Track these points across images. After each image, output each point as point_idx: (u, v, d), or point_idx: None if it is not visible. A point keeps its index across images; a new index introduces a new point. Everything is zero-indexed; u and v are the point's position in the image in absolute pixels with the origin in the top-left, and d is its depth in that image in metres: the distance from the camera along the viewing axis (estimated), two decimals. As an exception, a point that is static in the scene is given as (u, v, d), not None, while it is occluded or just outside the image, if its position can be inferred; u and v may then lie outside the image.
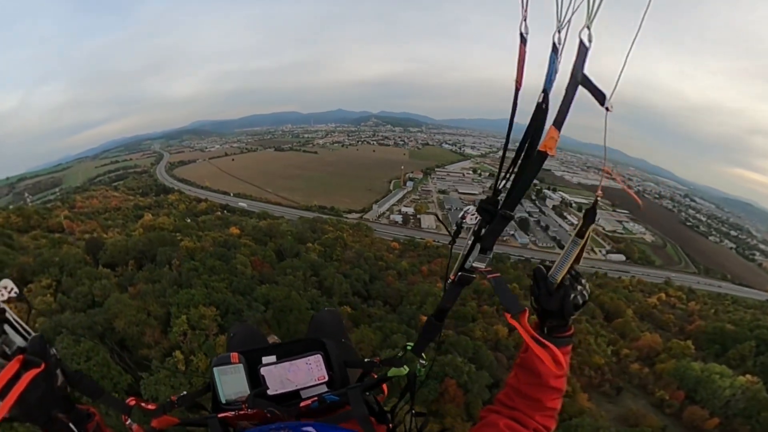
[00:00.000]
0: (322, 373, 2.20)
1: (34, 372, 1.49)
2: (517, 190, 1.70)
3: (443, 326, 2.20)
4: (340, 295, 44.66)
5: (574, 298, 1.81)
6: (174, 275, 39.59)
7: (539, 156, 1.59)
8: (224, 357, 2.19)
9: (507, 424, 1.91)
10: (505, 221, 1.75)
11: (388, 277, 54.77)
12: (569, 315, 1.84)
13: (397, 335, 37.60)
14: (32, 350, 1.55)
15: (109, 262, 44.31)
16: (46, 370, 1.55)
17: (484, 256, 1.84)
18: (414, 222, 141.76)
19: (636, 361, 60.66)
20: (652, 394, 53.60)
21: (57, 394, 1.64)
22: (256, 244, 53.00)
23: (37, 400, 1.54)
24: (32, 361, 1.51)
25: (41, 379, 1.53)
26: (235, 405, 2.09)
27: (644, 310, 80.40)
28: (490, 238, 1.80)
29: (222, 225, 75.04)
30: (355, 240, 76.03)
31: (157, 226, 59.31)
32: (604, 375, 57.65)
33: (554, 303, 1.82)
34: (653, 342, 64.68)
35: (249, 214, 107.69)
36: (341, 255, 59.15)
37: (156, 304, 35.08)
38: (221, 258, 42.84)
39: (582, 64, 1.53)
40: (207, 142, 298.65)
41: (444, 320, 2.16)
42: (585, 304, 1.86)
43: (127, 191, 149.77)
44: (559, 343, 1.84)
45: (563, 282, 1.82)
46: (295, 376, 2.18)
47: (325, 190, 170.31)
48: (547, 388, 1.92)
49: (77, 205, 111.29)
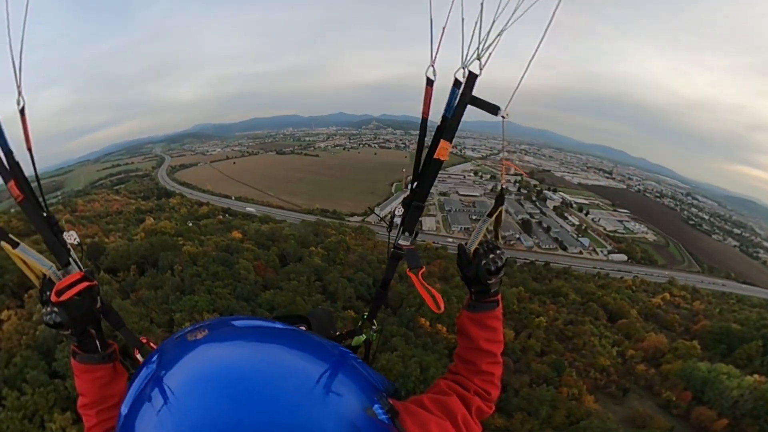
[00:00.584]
0: None
1: (89, 283, 1.94)
2: (422, 186, 2.19)
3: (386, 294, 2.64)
4: (344, 299, 44.14)
5: (485, 264, 2.08)
6: (176, 281, 39.02)
7: (435, 162, 2.09)
8: None
9: (448, 384, 2.13)
10: (419, 210, 2.23)
11: (391, 281, 54.29)
12: (485, 279, 2.10)
13: (396, 338, 37.32)
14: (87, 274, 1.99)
15: (110, 267, 43.74)
16: (95, 287, 1.99)
17: (408, 237, 2.27)
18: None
19: (642, 362, 60.81)
20: (658, 395, 53.84)
21: (94, 314, 2.03)
22: (259, 249, 52.40)
23: (82, 310, 1.94)
24: (89, 277, 1.97)
25: (90, 293, 1.96)
26: None
27: (649, 310, 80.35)
28: (410, 223, 2.26)
29: (224, 229, 74.46)
30: (357, 243, 75.51)
31: (159, 230, 58.56)
32: (610, 376, 57.69)
33: (471, 270, 2.12)
34: (659, 342, 64.57)
35: (251, 218, 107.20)
36: (344, 258, 58.71)
37: (159, 311, 34.49)
38: (224, 263, 42.23)
39: (471, 89, 1.94)
40: (208, 145, 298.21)
41: (387, 288, 2.60)
42: (499, 271, 2.11)
43: (129, 195, 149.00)
44: (484, 308, 2.17)
45: (477, 251, 2.14)
46: None
47: (327, 193, 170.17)
48: (479, 351, 2.17)
49: (79, 208, 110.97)
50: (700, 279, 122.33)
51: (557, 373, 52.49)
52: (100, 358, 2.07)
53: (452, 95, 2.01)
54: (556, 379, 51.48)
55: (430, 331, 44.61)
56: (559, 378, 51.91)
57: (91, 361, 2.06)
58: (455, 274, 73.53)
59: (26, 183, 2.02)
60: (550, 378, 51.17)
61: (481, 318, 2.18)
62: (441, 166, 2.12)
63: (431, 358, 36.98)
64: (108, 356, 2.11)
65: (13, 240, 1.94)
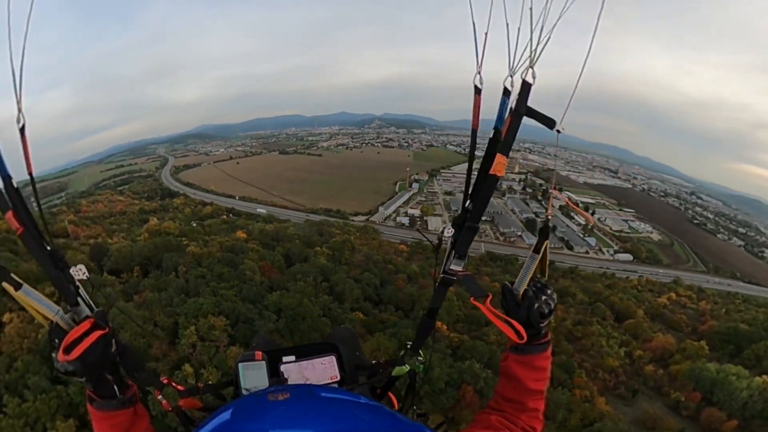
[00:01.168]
0: (335, 372, 2.47)
1: (100, 332, 1.82)
2: (478, 206, 2.02)
3: (434, 324, 2.42)
4: (352, 300, 43.54)
5: (539, 308, 2.02)
6: (181, 282, 38.35)
7: (491, 178, 1.94)
8: (249, 354, 2.39)
9: (498, 419, 2.08)
10: (472, 232, 2.04)
11: (398, 281, 53.79)
12: (536, 323, 2.04)
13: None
14: (98, 318, 1.86)
15: (113, 268, 43.28)
16: (108, 334, 1.87)
17: (460, 261, 2.09)
18: (420, 224, 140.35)
19: (650, 363, 60.08)
20: (667, 396, 53.12)
21: (109, 359, 1.92)
22: (264, 249, 51.90)
23: (95, 359, 1.82)
24: (99, 324, 1.84)
25: (103, 340, 1.84)
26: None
27: (655, 310, 79.66)
28: (462, 246, 2.07)
29: (228, 229, 74.23)
30: (362, 243, 75.09)
31: (163, 231, 58.31)
32: (619, 377, 56.97)
33: (521, 314, 2.04)
34: (666, 343, 63.91)
35: (255, 218, 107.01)
36: (350, 258, 58.14)
37: (163, 314, 33.71)
38: (229, 263, 41.65)
39: (525, 99, 1.81)
40: (212, 145, 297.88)
41: (435, 318, 2.38)
42: (551, 313, 2.06)
43: (133, 195, 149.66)
44: (534, 350, 2.08)
45: (527, 293, 2.06)
46: (311, 374, 2.43)
47: (331, 192, 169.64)
48: (527, 390, 2.10)
49: (82, 209, 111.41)
50: (705, 279, 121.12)
51: (568, 375, 51.50)
52: (119, 404, 1.97)
53: (502, 105, 1.92)
54: (568, 380, 50.41)
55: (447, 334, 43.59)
56: (571, 380, 50.94)
57: (109, 408, 1.96)
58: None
59: (27, 213, 1.88)
60: (562, 380, 49.94)
61: (530, 360, 2.10)
62: (497, 183, 1.98)
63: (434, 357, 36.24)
64: (127, 401, 2.01)
65: (15, 281, 1.81)
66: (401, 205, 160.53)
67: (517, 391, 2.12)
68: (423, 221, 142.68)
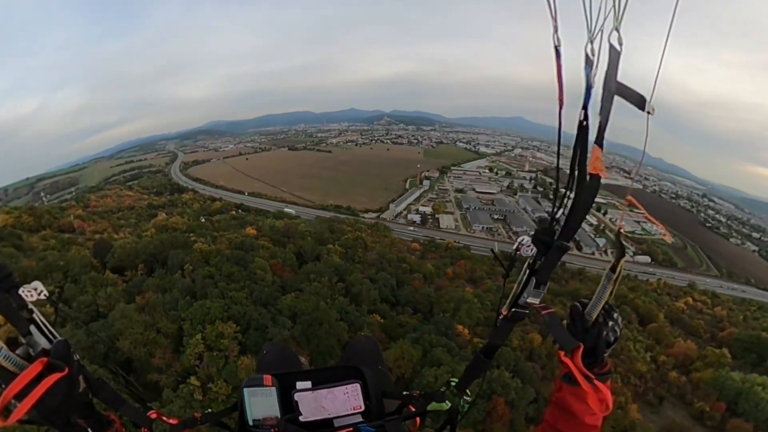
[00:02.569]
0: (359, 402, 2.15)
1: (56, 377, 1.47)
2: (574, 219, 1.65)
3: (490, 364, 2.12)
4: (369, 302, 41.30)
5: (606, 336, 1.79)
6: (187, 283, 35.73)
7: (593, 180, 1.54)
8: (257, 378, 2.13)
9: None
10: (561, 252, 1.71)
11: (414, 282, 51.62)
12: (602, 353, 1.79)
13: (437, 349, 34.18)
14: (56, 354, 1.53)
15: (117, 265, 41.09)
16: (69, 375, 1.53)
17: (539, 291, 1.79)
18: (432, 222, 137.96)
19: (673, 369, 58.12)
20: (691, 405, 51.18)
21: (77, 400, 1.63)
22: (275, 246, 49.68)
23: (56, 405, 1.52)
24: (56, 365, 1.50)
25: (63, 383, 1.51)
26: (262, 428, 2.05)
27: (674, 314, 77.60)
28: (545, 272, 1.76)
29: (237, 225, 72.48)
30: (374, 241, 73.08)
31: (170, 226, 56.52)
32: (647, 383, 55.34)
33: (588, 341, 1.78)
34: (688, 349, 62.13)
35: (265, 214, 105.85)
36: (363, 257, 56.00)
37: (166, 319, 30.86)
38: (239, 262, 39.14)
39: (615, 71, 1.46)
40: (221, 142, 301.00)
41: (492, 358, 2.08)
42: (617, 341, 1.82)
43: (142, 190, 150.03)
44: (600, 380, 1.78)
45: (597, 319, 1.79)
46: (331, 404, 2.12)
47: (341, 189, 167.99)
48: (583, 426, 1.88)
49: (91, 204, 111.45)
50: (719, 284, 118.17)
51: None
52: None
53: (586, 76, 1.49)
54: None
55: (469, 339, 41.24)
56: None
57: None
58: (483, 276, 71.83)
59: None
60: None
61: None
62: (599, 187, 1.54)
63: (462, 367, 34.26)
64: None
65: None
66: (412, 202, 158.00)
67: (571, 425, 1.86)
68: (435, 219, 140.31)
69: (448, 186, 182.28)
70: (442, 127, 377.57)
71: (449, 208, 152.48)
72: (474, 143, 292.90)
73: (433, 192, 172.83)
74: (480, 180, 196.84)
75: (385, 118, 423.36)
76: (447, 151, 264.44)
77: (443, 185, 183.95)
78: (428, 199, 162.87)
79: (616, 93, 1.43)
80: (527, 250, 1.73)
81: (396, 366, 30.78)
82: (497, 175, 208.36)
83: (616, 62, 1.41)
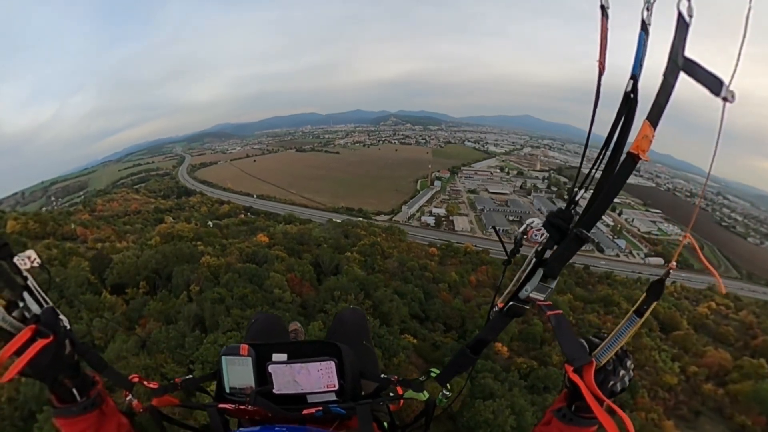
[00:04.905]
0: (333, 381, 2.10)
1: (43, 342, 1.65)
2: (599, 203, 1.41)
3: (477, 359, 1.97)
4: (399, 320, 36.99)
5: (613, 386, 1.58)
6: (194, 309, 31.31)
7: (629, 160, 1.34)
8: (234, 347, 2.13)
9: None
10: (579, 243, 1.44)
11: (442, 294, 47.55)
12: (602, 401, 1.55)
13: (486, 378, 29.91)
14: (44, 321, 1.70)
15: (117, 283, 37.08)
16: (55, 341, 1.70)
17: (545, 286, 1.55)
18: (447, 224, 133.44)
19: (707, 381, 55.11)
20: (730, 419, 49.03)
21: (64, 362, 1.76)
22: (290, 256, 45.43)
23: (44, 366, 1.68)
24: (43, 332, 1.67)
25: (50, 348, 1.67)
26: (238, 396, 2.09)
27: (697, 320, 74.19)
28: (557, 263, 1.51)
29: (248, 231, 68.64)
30: (390, 246, 69.33)
31: (176, 234, 52.74)
32: (678, 397, 52.06)
33: None
34: (722, 359, 58.90)
35: (275, 218, 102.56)
36: (382, 264, 51.81)
37: (172, 361, 26.62)
38: (252, 278, 34.65)
39: (683, 44, 1.30)
40: (228, 144, 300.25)
41: (480, 353, 1.93)
42: (624, 391, 1.61)
43: (149, 194, 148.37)
44: (586, 423, 1.65)
45: (606, 365, 1.57)
46: (304, 380, 2.08)
47: (351, 190, 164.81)
48: None
49: (98, 208, 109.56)
50: (739, 286, 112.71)
51: (630, 395, 46.18)
52: (80, 409, 1.80)
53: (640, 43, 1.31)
54: (630, 401, 45.21)
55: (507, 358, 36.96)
56: (633, 400, 45.93)
57: (68, 414, 1.80)
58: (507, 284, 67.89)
59: None
60: (623, 400, 45.58)
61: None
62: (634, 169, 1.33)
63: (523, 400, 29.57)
64: (90, 404, 1.83)
65: None
66: (424, 203, 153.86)
67: None
68: (449, 221, 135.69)
69: (460, 186, 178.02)
70: (449, 126, 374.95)
71: (463, 210, 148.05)
72: (482, 142, 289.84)
73: (445, 193, 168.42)
74: (492, 180, 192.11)
75: (392, 119, 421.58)
76: (456, 150, 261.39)
77: (455, 186, 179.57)
78: (441, 200, 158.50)
79: (683, 69, 1.26)
80: (536, 235, 1.51)
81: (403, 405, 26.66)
82: (509, 175, 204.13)
83: (684, 33, 1.26)
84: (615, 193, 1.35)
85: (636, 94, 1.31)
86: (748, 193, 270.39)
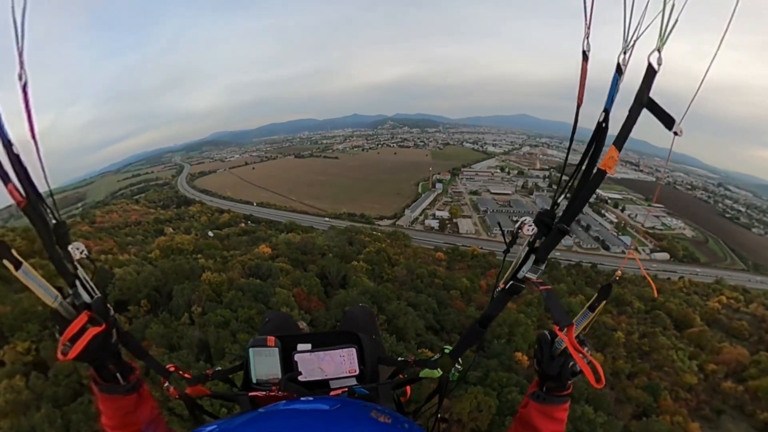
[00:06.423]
0: (354, 366, 2.27)
1: (96, 330, 1.77)
2: (575, 205, 1.77)
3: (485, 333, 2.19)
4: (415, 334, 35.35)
5: (572, 366, 1.88)
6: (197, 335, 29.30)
7: (598, 174, 1.67)
8: (261, 339, 2.25)
9: None
10: (561, 235, 1.80)
11: (456, 302, 45.95)
12: (566, 380, 1.93)
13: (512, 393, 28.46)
14: (96, 309, 1.80)
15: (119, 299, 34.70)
16: (107, 329, 1.82)
17: (537, 267, 1.89)
18: (451, 227, 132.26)
19: (725, 378, 54.55)
20: (752, 416, 48.24)
21: (111, 349, 1.90)
22: (294, 267, 43.68)
23: (95, 351, 1.81)
24: (96, 320, 1.78)
25: (101, 335, 1.80)
26: (265, 386, 2.21)
27: (709, 315, 73.19)
28: (545, 251, 1.86)
29: (249, 241, 66.89)
30: (397, 252, 67.73)
31: (175, 247, 51.09)
32: (698, 396, 51.61)
33: (554, 368, 1.92)
34: (739, 355, 57.92)
35: (276, 226, 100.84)
36: (391, 273, 50.20)
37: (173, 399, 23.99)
38: (257, 296, 32.74)
39: (648, 88, 1.53)
40: (226, 152, 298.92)
41: (488, 327, 2.14)
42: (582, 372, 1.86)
43: (148, 204, 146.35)
44: (555, 401, 1.98)
45: (565, 350, 1.89)
46: (328, 366, 2.25)
47: (352, 196, 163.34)
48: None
49: (97, 220, 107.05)
50: (747, 278, 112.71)
51: (653, 398, 46.55)
52: (123, 390, 1.96)
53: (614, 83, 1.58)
54: (653, 405, 45.57)
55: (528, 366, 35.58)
56: (656, 403, 46.06)
57: (112, 392, 1.95)
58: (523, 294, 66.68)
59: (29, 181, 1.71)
60: (646, 404, 45.44)
61: (550, 410, 1.98)
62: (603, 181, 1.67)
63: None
64: (131, 387, 1.98)
65: (16, 259, 1.65)
66: (427, 207, 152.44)
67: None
68: (453, 224, 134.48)
69: (461, 188, 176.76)
70: (447, 128, 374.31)
71: (466, 212, 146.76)
72: (481, 143, 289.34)
73: (447, 195, 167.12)
74: (493, 181, 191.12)
75: (389, 122, 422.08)
76: (455, 152, 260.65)
77: (456, 187, 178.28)
78: (443, 202, 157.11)
79: (646, 107, 1.51)
80: (528, 229, 1.86)
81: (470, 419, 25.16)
82: (509, 175, 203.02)
83: (651, 79, 1.48)
84: (588, 198, 1.69)
85: (607, 123, 1.62)
86: (750, 183, 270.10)
